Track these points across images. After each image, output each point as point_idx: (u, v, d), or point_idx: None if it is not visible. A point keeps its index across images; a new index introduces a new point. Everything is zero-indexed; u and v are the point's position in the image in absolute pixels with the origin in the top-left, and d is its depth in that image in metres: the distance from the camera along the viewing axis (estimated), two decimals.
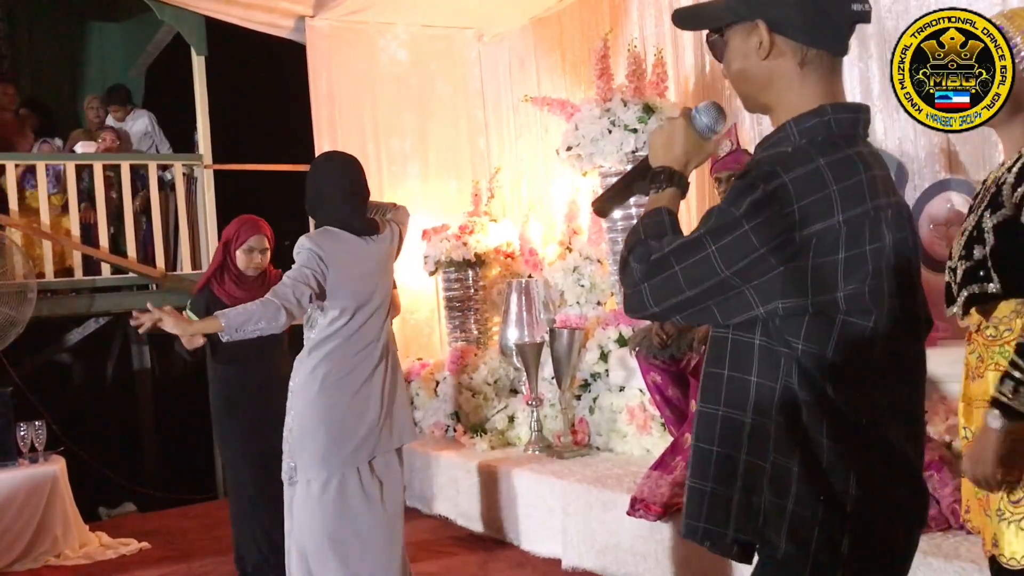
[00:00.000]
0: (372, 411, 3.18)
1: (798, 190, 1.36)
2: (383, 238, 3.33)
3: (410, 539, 4.82)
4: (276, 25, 6.80)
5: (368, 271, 3.24)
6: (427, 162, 7.09)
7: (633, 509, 3.62)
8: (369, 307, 3.23)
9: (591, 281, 5.44)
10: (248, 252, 3.86)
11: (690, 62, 5.35)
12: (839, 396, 1.38)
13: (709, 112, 1.59)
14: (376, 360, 3.23)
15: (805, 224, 1.35)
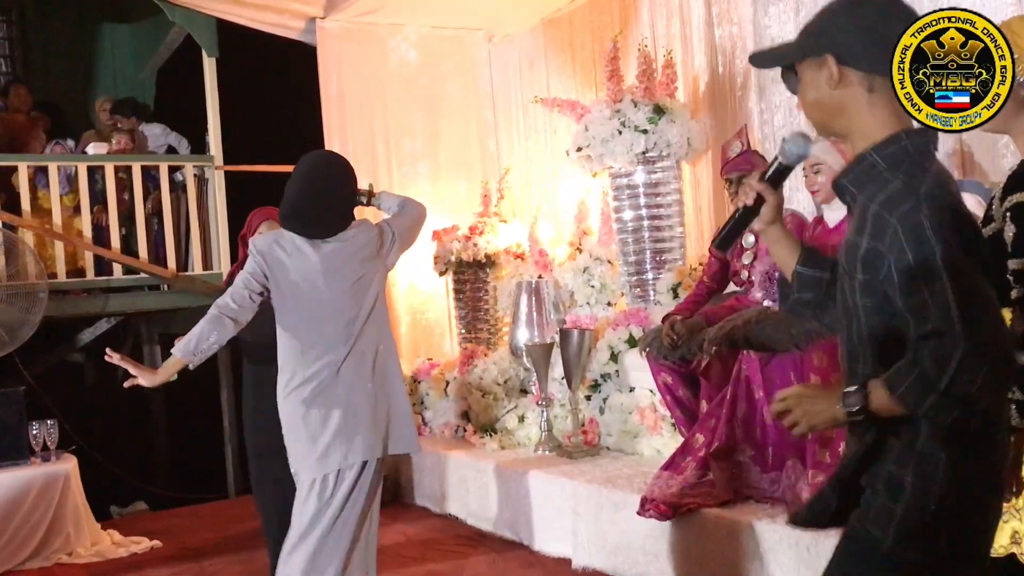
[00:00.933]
0: (334, 420, 3.01)
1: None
2: (347, 238, 3.12)
3: (420, 538, 4.84)
4: (287, 26, 6.82)
5: (316, 274, 3.05)
6: (437, 163, 7.11)
7: (643, 509, 3.62)
8: (324, 312, 3.04)
9: (601, 282, 5.44)
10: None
11: (700, 63, 5.35)
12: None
13: (796, 141, 1.72)
14: (337, 368, 3.02)
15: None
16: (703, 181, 5.40)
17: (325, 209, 3.13)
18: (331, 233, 3.11)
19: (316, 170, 3.21)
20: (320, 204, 3.13)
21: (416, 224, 3.43)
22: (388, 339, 3.21)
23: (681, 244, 5.16)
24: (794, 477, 3.34)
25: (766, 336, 3.45)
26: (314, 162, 3.24)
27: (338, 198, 3.20)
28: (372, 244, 3.17)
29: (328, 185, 3.18)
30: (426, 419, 6.00)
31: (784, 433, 3.44)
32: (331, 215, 3.14)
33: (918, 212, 1.48)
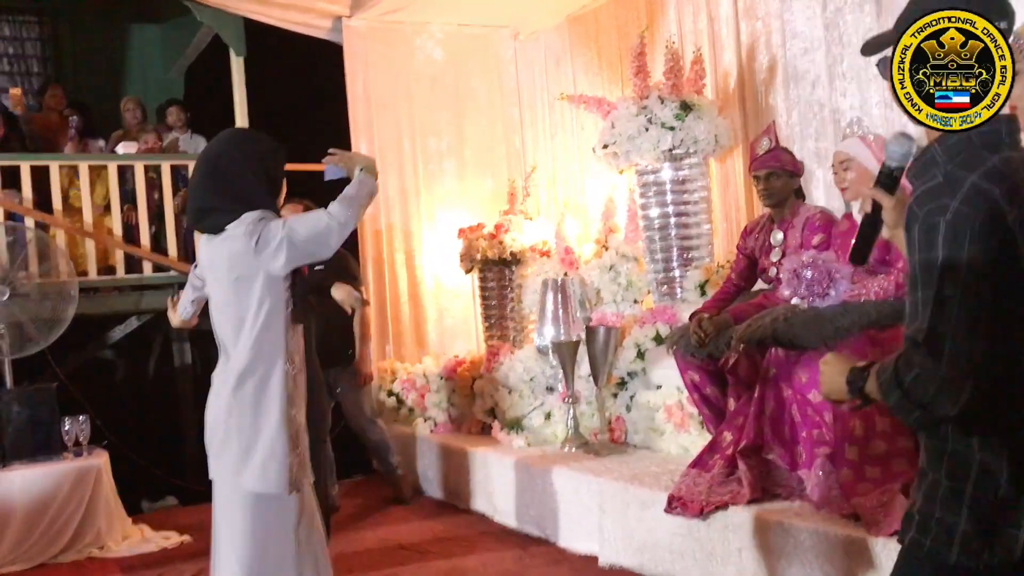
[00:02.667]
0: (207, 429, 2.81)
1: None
2: (227, 237, 2.69)
3: (446, 534, 4.86)
4: (313, 25, 6.87)
5: (205, 270, 2.85)
6: (463, 161, 7.12)
7: (671, 507, 3.61)
8: (215, 312, 2.80)
9: (628, 279, 5.43)
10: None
11: (729, 59, 5.32)
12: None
13: (899, 142, 1.69)
14: (219, 374, 2.79)
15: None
16: (731, 178, 5.37)
17: (201, 199, 2.75)
18: (213, 226, 2.72)
19: (203, 157, 2.83)
20: (197, 193, 2.77)
21: (313, 238, 2.68)
22: (279, 365, 2.69)
23: (708, 241, 5.14)
24: (823, 475, 3.32)
25: (794, 334, 3.42)
26: (218, 139, 2.85)
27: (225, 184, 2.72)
28: (248, 241, 2.63)
29: (234, 165, 2.74)
30: (452, 416, 6.02)
31: (813, 431, 3.42)
32: (209, 204, 2.73)
33: (940, 213, 1.48)
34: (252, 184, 2.71)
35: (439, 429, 5.95)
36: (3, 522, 4.72)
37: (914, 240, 1.52)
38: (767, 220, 4.13)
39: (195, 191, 2.78)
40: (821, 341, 3.34)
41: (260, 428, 2.67)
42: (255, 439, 2.67)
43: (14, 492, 4.77)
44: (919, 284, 1.50)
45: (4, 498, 4.75)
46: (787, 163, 3.98)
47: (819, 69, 4.77)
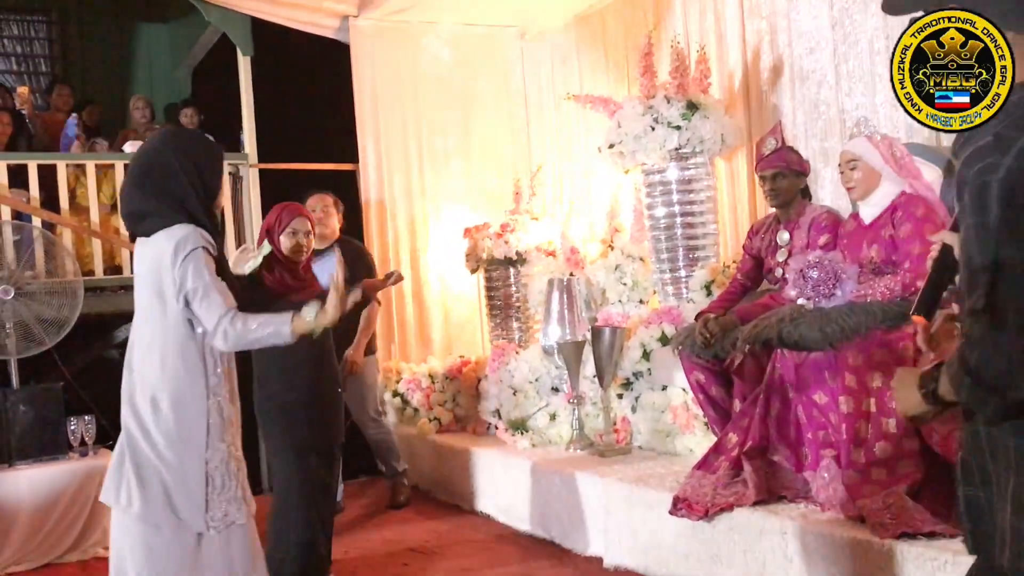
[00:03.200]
0: None
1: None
2: (155, 244, 2.56)
3: (450, 535, 4.85)
4: (320, 25, 6.88)
5: (136, 275, 2.65)
6: (469, 160, 7.12)
7: (676, 509, 3.60)
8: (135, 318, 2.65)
9: (633, 279, 5.42)
10: (292, 235, 3.67)
11: (734, 58, 5.30)
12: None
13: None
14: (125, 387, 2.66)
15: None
16: (738, 177, 5.35)
17: (134, 202, 2.64)
18: (146, 231, 2.59)
19: (136, 157, 2.72)
20: (131, 195, 2.65)
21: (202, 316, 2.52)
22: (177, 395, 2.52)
23: (715, 241, 5.12)
24: (828, 477, 3.30)
25: (800, 335, 3.41)
26: (141, 146, 2.77)
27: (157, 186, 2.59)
28: (174, 259, 2.50)
29: (145, 171, 2.63)
30: (457, 416, 6.02)
31: (819, 432, 3.40)
32: (141, 208, 2.62)
33: (991, 172, 1.39)
34: (185, 188, 2.57)
35: (444, 429, 5.94)
36: (9, 522, 4.73)
37: (965, 205, 1.42)
38: (773, 220, 4.11)
39: (128, 193, 2.64)
40: (827, 342, 3.33)
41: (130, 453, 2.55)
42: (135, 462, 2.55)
43: (20, 492, 4.78)
44: (974, 251, 1.39)
45: (10, 498, 4.76)
46: (793, 163, 3.96)
47: (825, 68, 4.75)
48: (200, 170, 2.61)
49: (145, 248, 2.58)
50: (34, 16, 9.42)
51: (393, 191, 6.91)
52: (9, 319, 5.12)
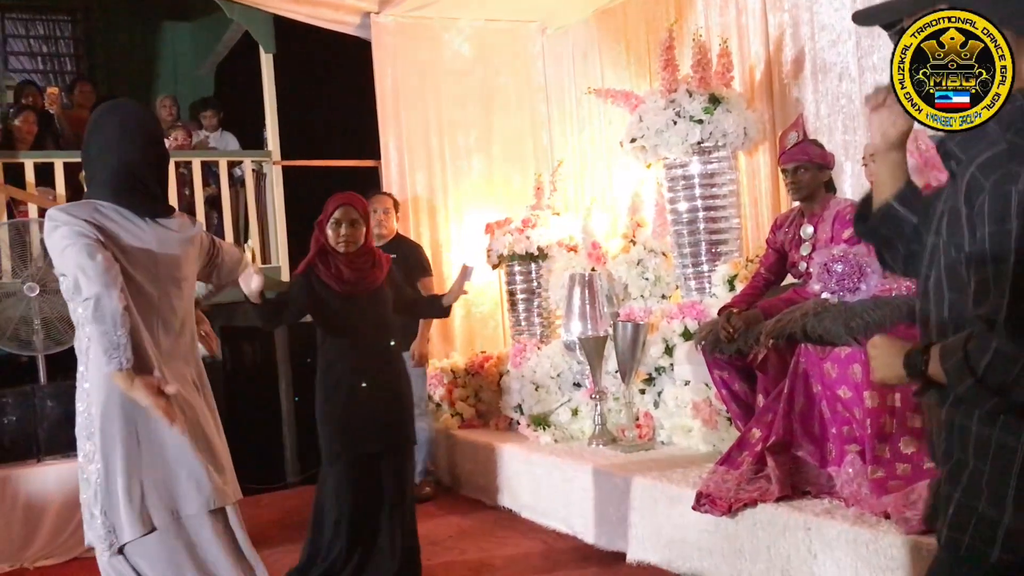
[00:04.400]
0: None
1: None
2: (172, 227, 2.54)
3: (473, 530, 4.86)
4: (342, 22, 6.90)
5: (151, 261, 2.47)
6: (490, 156, 7.12)
7: (699, 504, 3.59)
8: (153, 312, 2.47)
9: (655, 274, 5.40)
10: (335, 225, 3.58)
11: (756, 52, 5.27)
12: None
13: None
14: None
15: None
16: (760, 171, 5.32)
17: (163, 180, 2.58)
18: (168, 211, 2.56)
19: (156, 129, 2.63)
20: (161, 173, 2.56)
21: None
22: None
23: (738, 236, 5.10)
24: (853, 472, 3.28)
25: (824, 329, 3.39)
26: (148, 118, 2.63)
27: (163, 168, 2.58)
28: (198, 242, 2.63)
29: (164, 149, 2.61)
30: (479, 412, 6.03)
31: (843, 428, 3.38)
32: (164, 188, 2.61)
33: (1011, 182, 1.41)
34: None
35: (466, 425, 5.96)
36: (38, 516, 4.79)
37: (982, 212, 1.44)
38: (797, 214, 4.08)
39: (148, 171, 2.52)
40: (851, 336, 3.30)
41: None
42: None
43: (48, 486, 4.83)
44: (989, 259, 1.42)
45: (39, 493, 4.82)
46: (815, 156, 3.93)
47: (848, 61, 4.71)
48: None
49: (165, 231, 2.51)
50: (59, 16, 9.52)
51: (415, 187, 6.92)
52: (36, 316, 5.18)
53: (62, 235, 2.29)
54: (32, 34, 9.52)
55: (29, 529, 4.78)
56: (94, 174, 2.48)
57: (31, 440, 5.02)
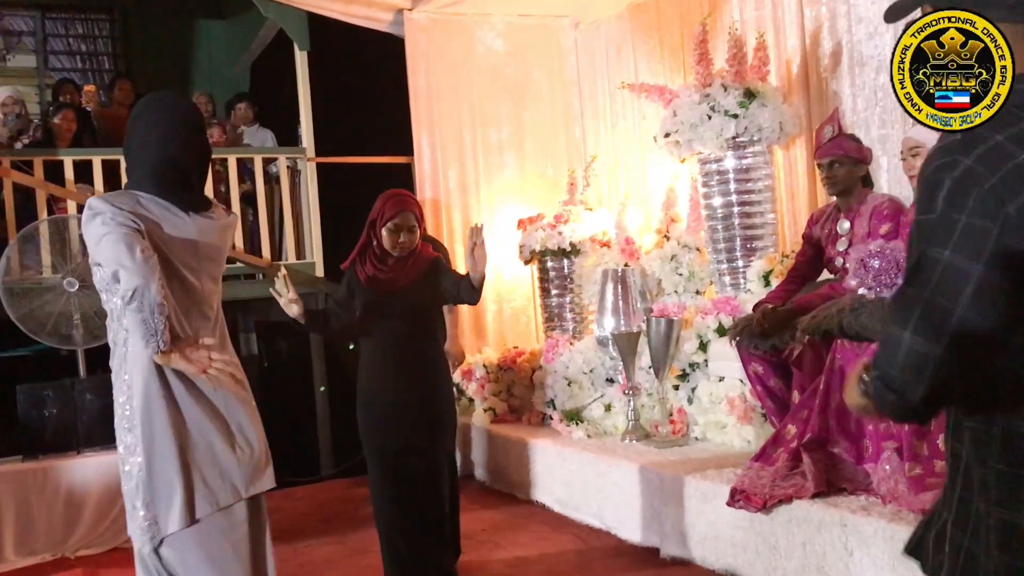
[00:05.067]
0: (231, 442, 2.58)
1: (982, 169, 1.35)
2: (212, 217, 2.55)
3: (506, 524, 4.88)
4: (375, 19, 6.93)
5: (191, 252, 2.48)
6: (523, 151, 7.12)
7: (733, 500, 3.57)
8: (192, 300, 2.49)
9: (690, 269, 5.38)
10: (393, 232, 3.51)
11: (792, 45, 5.22)
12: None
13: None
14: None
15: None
16: (797, 166, 5.27)
17: (204, 173, 2.59)
18: (207, 205, 2.56)
19: (198, 121, 2.58)
20: (203, 166, 2.57)
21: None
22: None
23: (773, 231, 5.06)
24: (890, 469, 3.25)
25: (861, 325, 3.35)
26: (190, 110, 2.59)
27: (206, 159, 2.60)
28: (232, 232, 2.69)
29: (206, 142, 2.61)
30: (512, 407, 6.04)
31: (879, 424, 3.34)
32: (204, 181, 2.61)
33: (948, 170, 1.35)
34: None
35: (499, 420, 5.97)
36: (78, 507, 4.87)
37: (917, 201, 1.41)
38: (834, 209, 4.04)
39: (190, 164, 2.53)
40: None
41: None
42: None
43: (88, 478, 4.92)
44: (909, 249, 1.38)
45: (79, 484, 4.90)
46: (851, 151, 3.88)
47: (885, 54, 4.65)
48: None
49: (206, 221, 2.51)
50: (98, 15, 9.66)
51: (447, 183, 6.94)
52: (75, 311, 5.26)
53: (100, 223, 2.29)
54: (71, 33, 9.67)
55: (70, 519, 4.86)
56: (135, 166, 2.47)
57: (71, 433, 5.10)
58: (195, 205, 2.49)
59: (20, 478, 4.85)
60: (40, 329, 5.19)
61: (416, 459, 3.57)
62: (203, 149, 2.55)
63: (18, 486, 4.83)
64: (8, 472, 4.86)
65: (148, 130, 2.45)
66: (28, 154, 6.35)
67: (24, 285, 5.27)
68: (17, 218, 6.07)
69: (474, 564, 4.26)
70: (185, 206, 2.45)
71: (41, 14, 9.54)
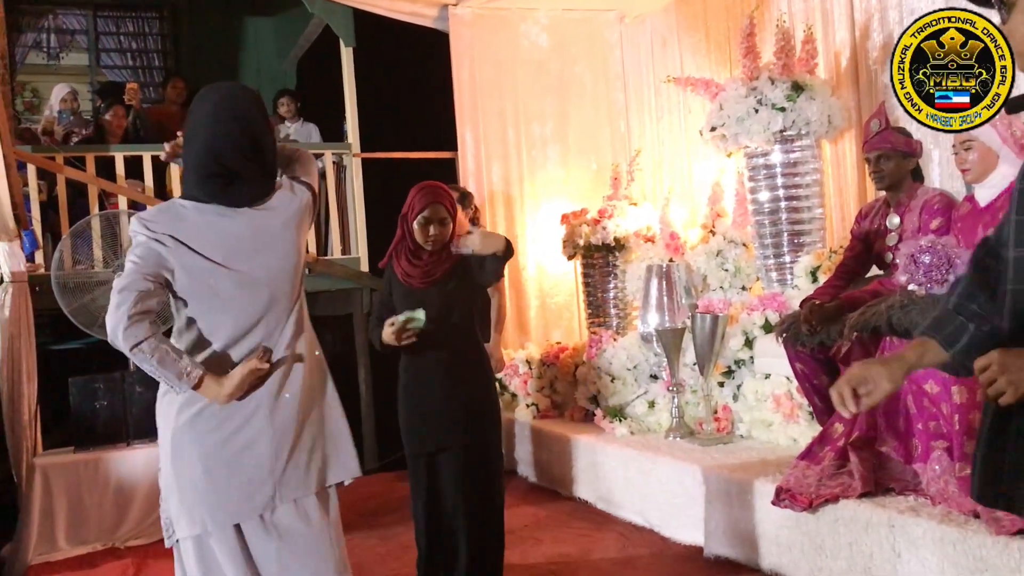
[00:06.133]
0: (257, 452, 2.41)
1: None
2: (273, 206, 2.42)
3: (549, 521, 4.87)
4: (420, 14, 6.96)
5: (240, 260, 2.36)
6: (567, 146, 7.11)
7: (779, 499, 3.52)
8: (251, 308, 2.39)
9: (736, 265, 5.32)
10: (423, 225, 3.38)
11: (842, 38, 5.13)
12: None
13: None
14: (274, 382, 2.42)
15: None
16: (846, 160, 5.19)
17: (258, 160, 2.42)
18: (263, 195, 2.43)
19: (247, 107, 2.43)
20: (257, 153, 2.41)
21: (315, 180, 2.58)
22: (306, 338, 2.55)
23: (821, 226, 4.98)
24: (940, 469, 3.18)
25: (911, 322, 3.28)
26: (239, 96, 2.45)
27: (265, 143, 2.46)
28: (299, 206, 2.48)
29: (261, 125, 2.46)
30: (555, 403, 6.03)
31: (929, 423, 3.27)
32: (265, 169, 2.45)
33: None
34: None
35: (541, 415, 5.96)
36: (127, 498, 4.96)
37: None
38: (883, 204, 3.97)
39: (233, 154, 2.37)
40: None
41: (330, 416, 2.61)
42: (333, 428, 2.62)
43: (136, 470, 5.00)
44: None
45: (128, 475, 4.98)
46: (899, 144, 3.81)
47: None
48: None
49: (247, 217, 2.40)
50: (148, 13, 9.82)
51: (491, 178, 6.95)
52: None
53: (131, 253, 2.33)
54: (122, 31, 9.84)
55: (120, 510, 4.95)
56: (186, 166, 2.43)
57: (121, 425, 5.19)
58: (247, 199, 2.38)
59: (72, 469, 4.95)
60: (91, 322, 5.28)
61: (452, 462, 3.46)
62: (253, 134, 2.39)
63: (70, 477, 4.93)
64: (61, 463, 4.97)
65: (193, 124, 2.40)
66: (80, 150, 6.47)
67: (76, 279, 5.36)
68: (69, 213, 6.19)
69: (515, 560, 4.26)
70: (234, 202, 2.36)
71: (93, 12, 9.72)
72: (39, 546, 4.78)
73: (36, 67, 9.75)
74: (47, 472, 4.89)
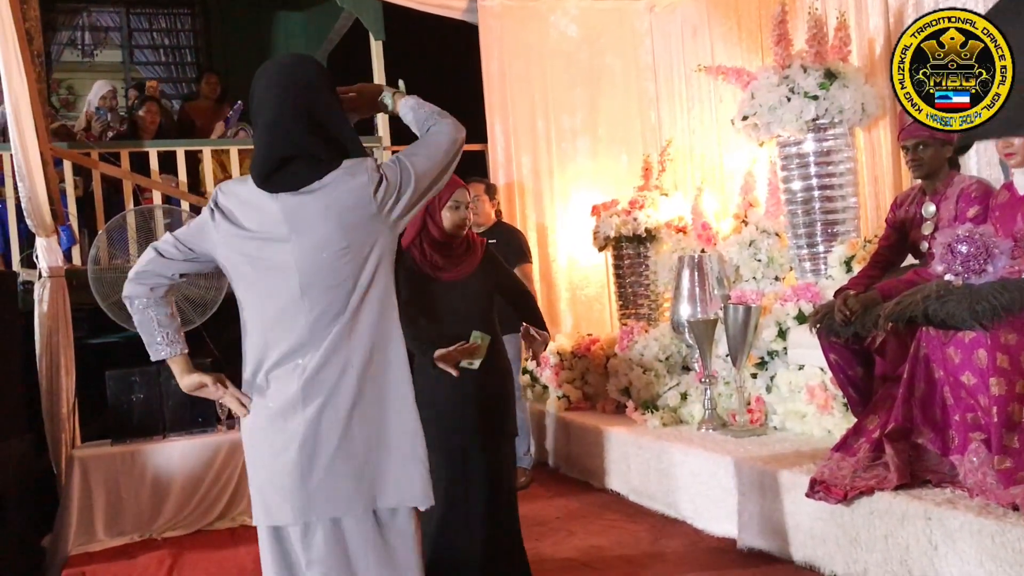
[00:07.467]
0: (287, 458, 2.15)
1: None
2: (314, 188, 2.14)
3: (581, 513, 4.87)
4: (449, 7, 6.97)
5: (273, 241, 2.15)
6: (597, 137, 7.08)
7: (813, 491, 3.50)
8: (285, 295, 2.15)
9: (769, 255, 5.27)
10: (455, 208, 3.35)
11: (875, 24, 5.06)
12: None
13: None
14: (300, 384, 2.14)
15: None
16: (880, 148, 5.12)
17: (322, 136, 2.18)
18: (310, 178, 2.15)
19: (301, 75, 2.23)
20: (314, 122, 2.18)
21: (439, 159, 2.39)
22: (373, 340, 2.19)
23: (855, 215, 4.93)
24: (978, 461, 3.14)
25: (947, 312, 3.24)
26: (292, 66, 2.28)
27: (329, 117, 2.22)
28: (367, 184, 2.17)
29: (319, 95, 2.22)
30: (586, 394, 6.02)
31: (967, 415, 3.23)
32: (329, 143, 2.19)
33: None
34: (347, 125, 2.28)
35: (573, 407, 5.95)
36: (164, 490, 5.02)
37: None
38: (919, 192, 3.91)
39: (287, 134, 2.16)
40: (976, 321, 3.14)
41: (392, 430, 2.19)
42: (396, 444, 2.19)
43: (173, 462, 5.06)
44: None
45: (165, 468, 5.04)
46: (937, 131, 3.75)
47: None
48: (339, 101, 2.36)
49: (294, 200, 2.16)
50: (180, 9, 9.91)
51: (521, 170, 6.94)
52: None
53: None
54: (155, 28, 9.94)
55: (156, 502, 5.01)
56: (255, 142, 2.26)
57: (157, 417, 5.25)
58: (288, 184, 2.14)
59: (109, 461, 5.01)
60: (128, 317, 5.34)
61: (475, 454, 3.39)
62: (308, 105, 2.17)
63: (108, 469, 4.99)
64: (98, 455, 5.03)
65: (253, 106, 2.25)
66: (115, 146, 6.54)
67: (112, 274, 5.43)
68: (105, 209, 6.27)
69: (547, 552, 4.26)
70: (272, 188, 2.15)
71: (126, 10, 9.83)
72: (78, 537, 4.85)
73: (71, 64, 9.89)
74: (86, 464, 4.97)
